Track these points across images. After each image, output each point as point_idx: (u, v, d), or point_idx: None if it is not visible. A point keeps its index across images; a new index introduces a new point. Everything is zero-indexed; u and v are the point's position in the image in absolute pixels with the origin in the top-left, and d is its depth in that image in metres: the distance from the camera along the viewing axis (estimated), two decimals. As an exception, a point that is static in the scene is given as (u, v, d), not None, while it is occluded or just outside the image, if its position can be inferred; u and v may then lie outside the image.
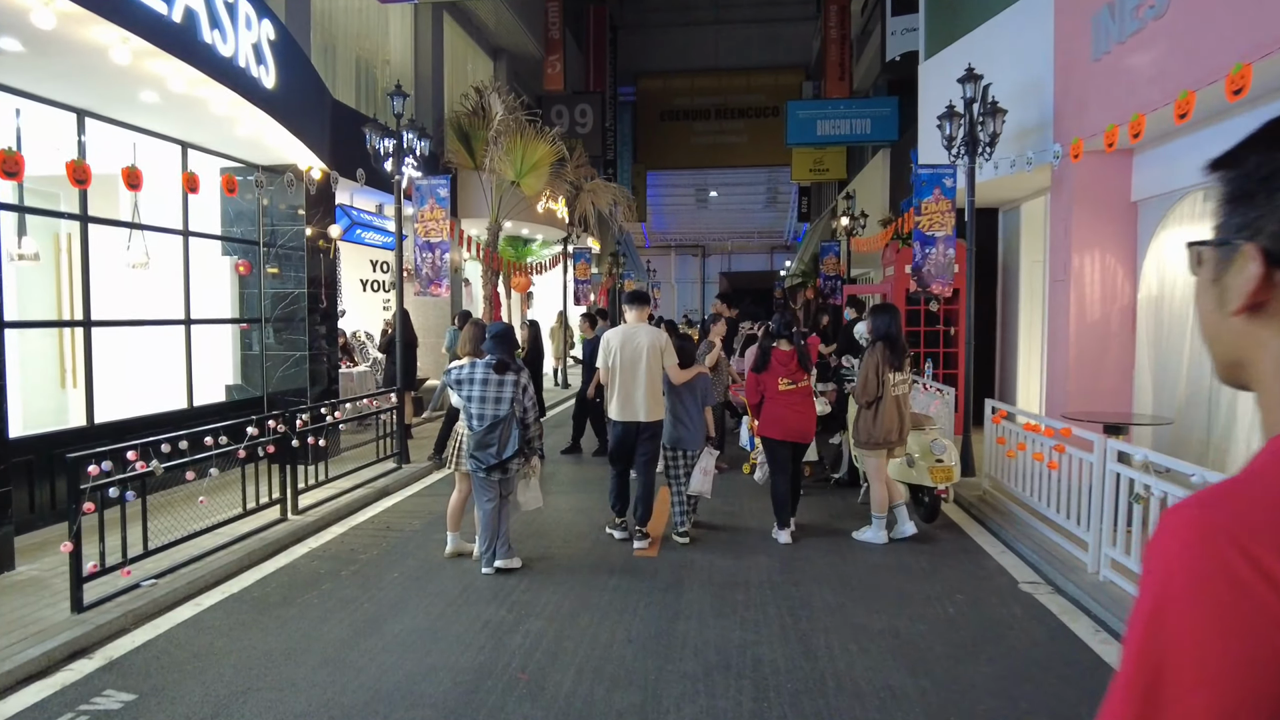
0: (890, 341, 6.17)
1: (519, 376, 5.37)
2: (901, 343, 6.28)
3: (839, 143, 18.17)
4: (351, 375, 11.09)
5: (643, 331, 6.07)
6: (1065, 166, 8.02)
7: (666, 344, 6.05)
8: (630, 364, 5.96)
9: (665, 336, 6.17)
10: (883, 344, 6.19)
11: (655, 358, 5.97)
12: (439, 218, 8.92)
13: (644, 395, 5.96)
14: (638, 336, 6.02)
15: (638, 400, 5.97)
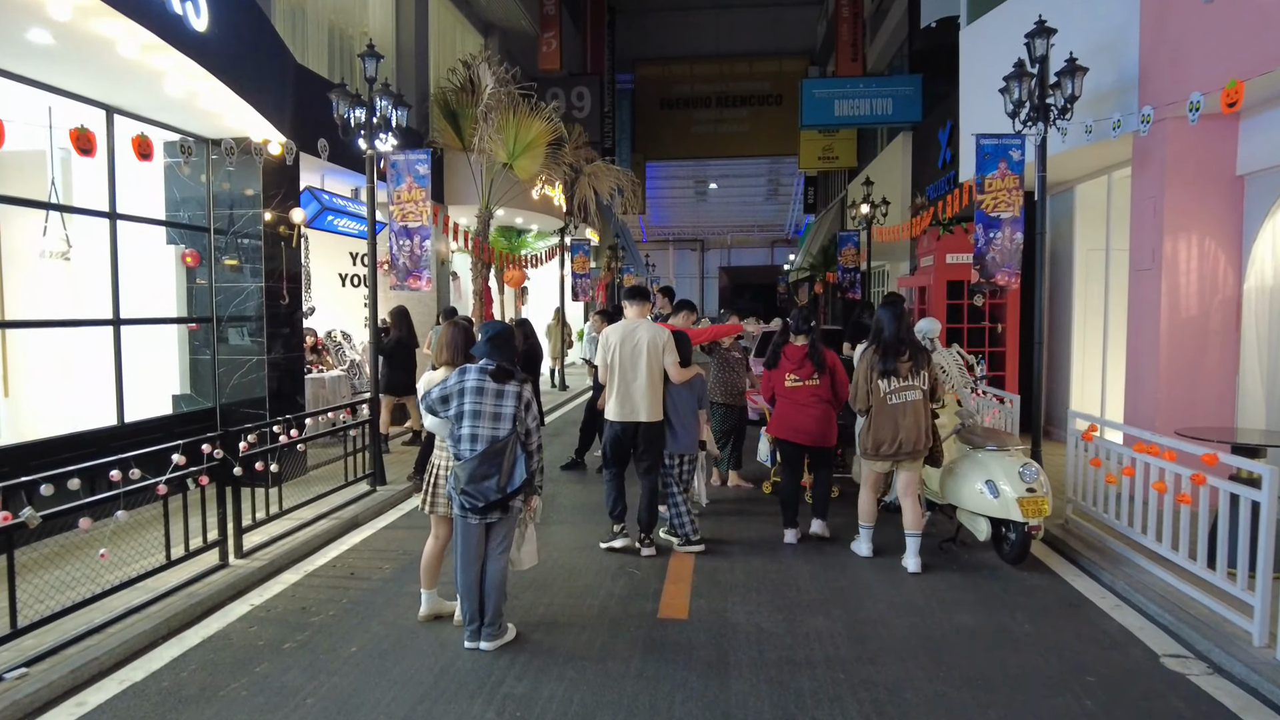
0: (883, 343, 5.48)
1: (523, 388, 4.15)
2: (898, 344, 5.46)
3: (858, 124, 16.94)
4: (323, 381, 9.82)
5: (643, 328, 5.82)
6: (1154, 135, 6.80)
7: (668, 341, 5.80)
8: (630, 361, 5.73)
9: (667, 334, 5.87)
10: (875, 346, 5.54)
11: (656, 355, 5.73)
12: (418, 199, 7.67)
13: (644, 394, 5.69)
14: (638, 333, 5.78)
15: (637, 399, 5.71)
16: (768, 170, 39.05)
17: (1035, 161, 6.97)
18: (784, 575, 5.42)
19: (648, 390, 5.71)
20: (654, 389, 5.74)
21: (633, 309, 6.02)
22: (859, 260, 15.76)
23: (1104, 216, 9.31)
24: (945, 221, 9.93)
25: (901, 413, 5.43)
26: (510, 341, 4.18)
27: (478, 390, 4.04)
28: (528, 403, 4.10)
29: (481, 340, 4.19)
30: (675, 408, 5.88)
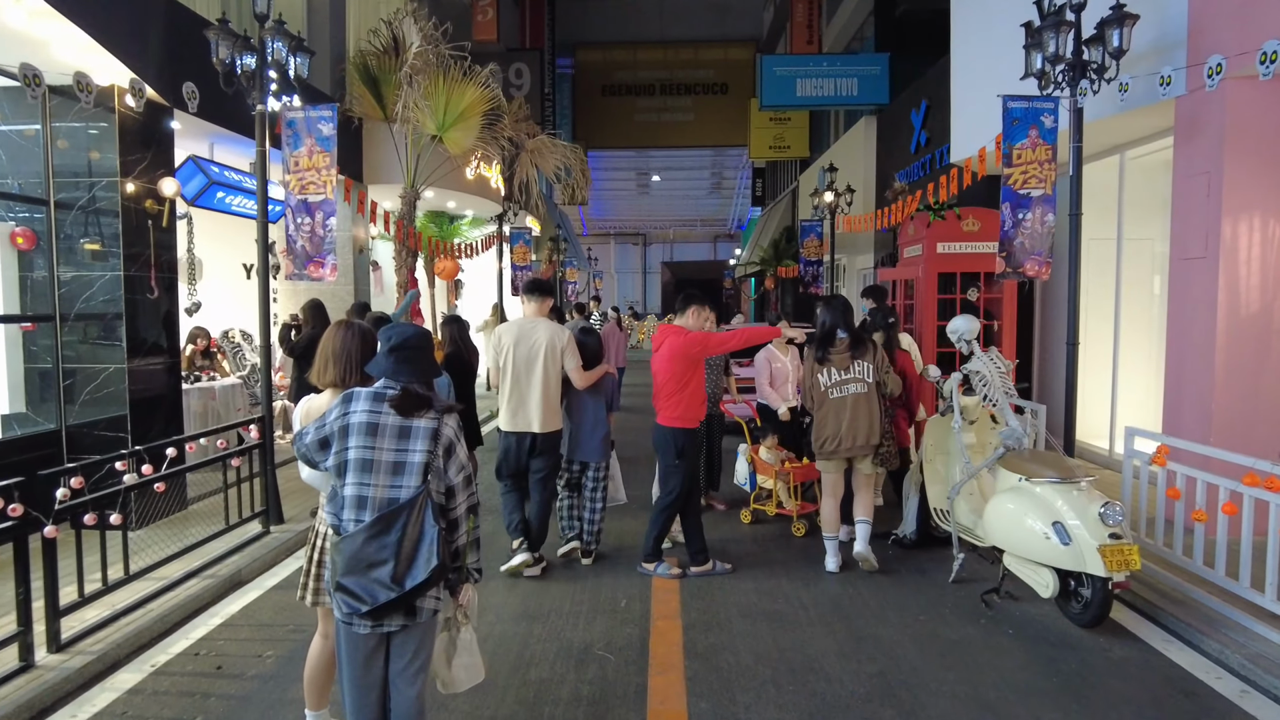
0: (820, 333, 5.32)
1: (441, 424, 2.72)
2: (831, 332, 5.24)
3: (821, 106, 15.81)
4: (213, 391, 8.17)
5: (541, 328, 5.24)
6: (1208, 100, 5.76)
7: (568, 343, 5.24)
8: (525, 365, 5.18)
9: (567, 334, 5.30)
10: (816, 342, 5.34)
11: (554, 359, 5.18)
12: (320, 166, 6.13)
13: (539, 402, 5.14)
14: (535, 333, 5.21)
15: (531, 408, 5.15)
16: (711, 163, 38.08)
17: (1070, 130, 5.87)
18: (804, 652, 4.13)
19: (543, 398, 5.15)
20: (550, 396, 5.18)
21: (531, 305, 5.40)
22: (822, 252, 14.68)
23: (1114, 201, 8.32)
24: (938, 206, 8.82)
25: (843, 406, 5.16)
26: (424, 352, 2.76)
27: (369, 428, 2.61)
28: (449, 445, 2.69)
29: (380, 351, 2.76)
30: (580, 414, 5.41)
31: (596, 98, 30.07)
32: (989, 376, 4.96)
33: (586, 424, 5.42)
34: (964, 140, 8.97)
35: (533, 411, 5.16)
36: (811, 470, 6.30)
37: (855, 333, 5.27)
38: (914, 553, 5.70)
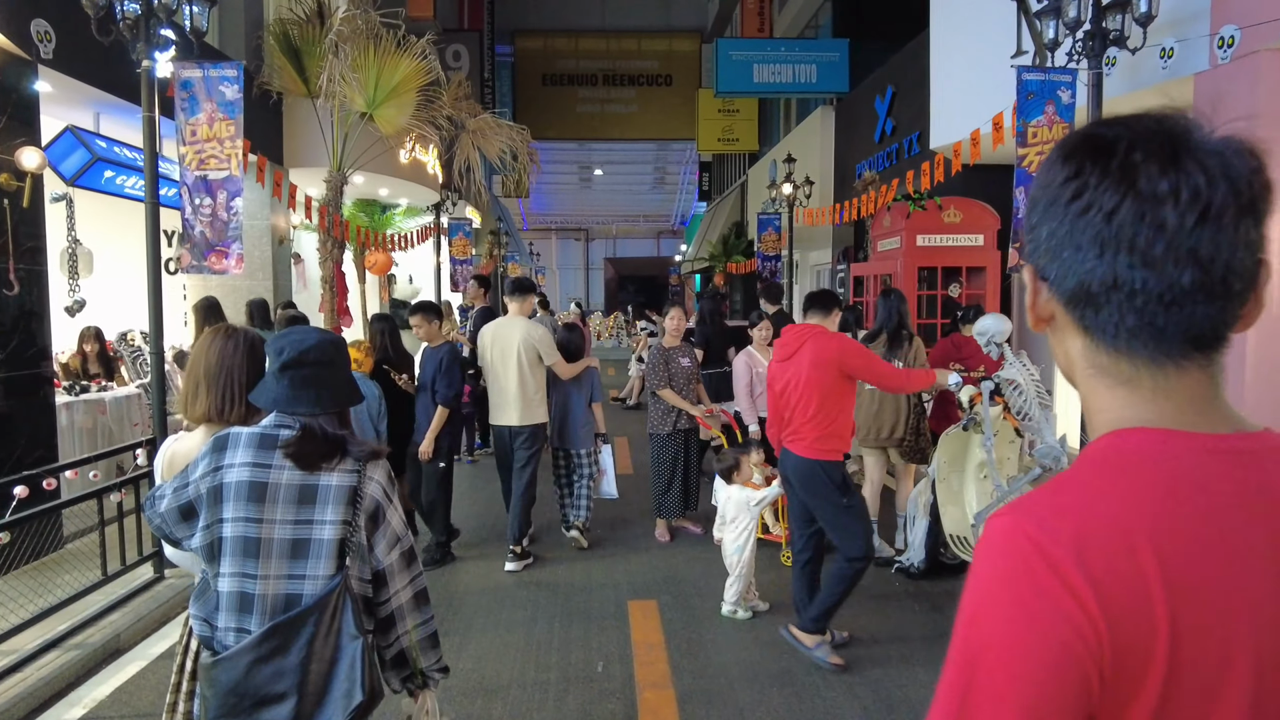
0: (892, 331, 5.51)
1: (363, 478, 1.80)
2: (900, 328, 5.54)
3: (779, 93, 15.15)
4: (102, 404, 6.99)
5: (517, 326, 5.47)
6: (1236, 75, 5.21)
7: (543, 339, 5.46)
8: (500, 362, 5.43)
9: (541, 330, 5.53)
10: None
11: (529, 355, 5.41)
12: (224, 136, 5.09)
13: (515, 397, 5.38)
14: (510, 332, 5.45)
15: (509, 402, 5.39)
16: (654, 157, 37.36)
17: (1088, 105, 5.24)
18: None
19: (518, 392, 5.38)
20: (525, 391, 5.39)
21: (514, 304, 5.61)
22: (780, 246, 14.03)
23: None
24: (918, 196, 8.19)
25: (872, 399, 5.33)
26: (334, 370, 1.85)
27: (253, 491, 1.72)
28: (375, 510, 1.79)
29: (269, 370, 1.85)
30: (565, 404, 5.67)
31: (537, 87, 28.99)
32: (1024, 385, 4.27)
33: (570, 413, 5.68)
34: (945, 125, 8.36)
35: (511, 405, 5.39)
36: (803, 490, 5.54)
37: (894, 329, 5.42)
38: (922, 584, 5.01)
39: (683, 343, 6.08)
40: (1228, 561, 0.68)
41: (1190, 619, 0.67)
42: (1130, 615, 0.66)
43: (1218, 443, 0.72)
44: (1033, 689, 0.66)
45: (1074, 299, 0.76)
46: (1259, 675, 0.67)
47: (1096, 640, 0.66)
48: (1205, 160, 0.70)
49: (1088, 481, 0.73)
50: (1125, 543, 0.67)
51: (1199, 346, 0.74)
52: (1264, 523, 0.70)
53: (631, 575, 5.19)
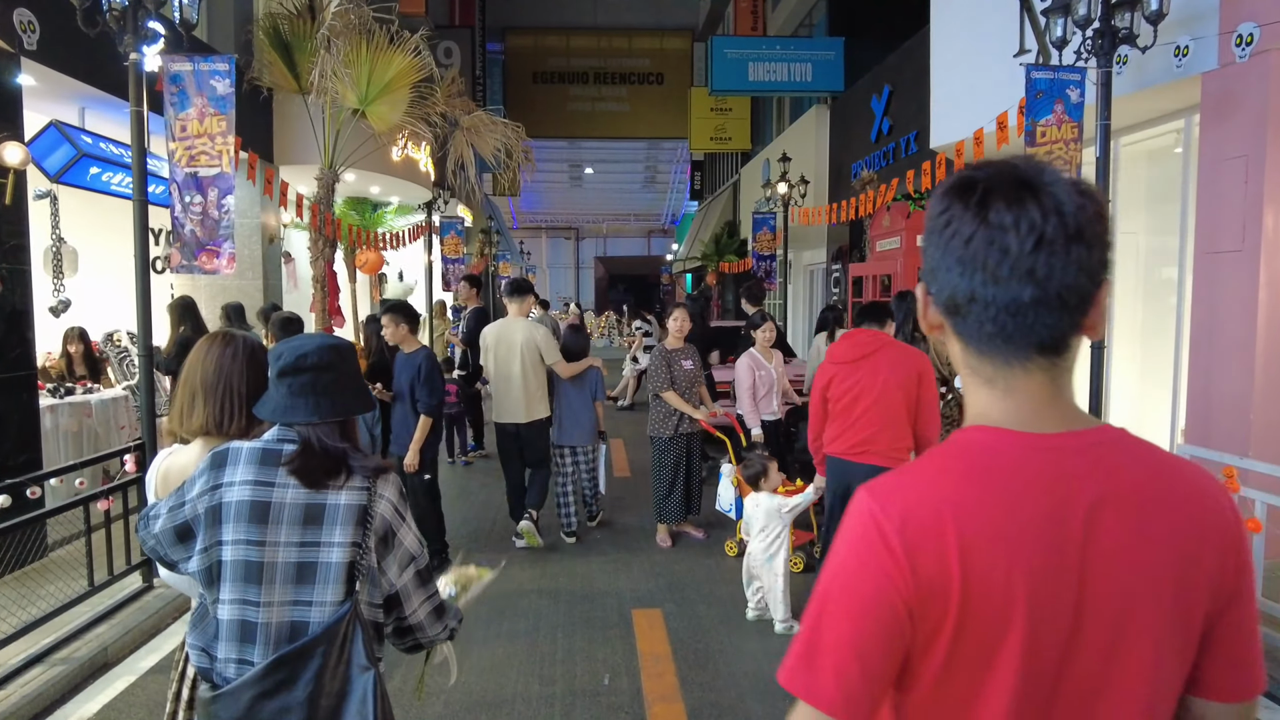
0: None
1: (373, 495, 1.66)
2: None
3: (775, 92, 15.05)
4: (89, 406, 6.81)
5: (519, 328, 5.69)
6: (1246, 75, 5.15)
7: (544, 339, 5.67)
8: (505, 362, 5.64)
9: (544, 331, 5.76)
10: None
11: (531, 354, 5.62)
12: (215, 132, 4.94)
13: (519, 395, 5.60)
14: (513, 333, 5.66)
15: (513, 400, 5.62)
16: (645, 156, 37.25)
17: (1098, 105, 5.17)
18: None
19: (522, 391, 5.59)
20: (529, 390, 5.61)
21: (513, 306, 5.82)
22: (775, 245, 13.94)
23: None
24: (919, 195, 8.12)
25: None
26: (339, 375, 1.71)
27: (255, 511, 1.59)
28: (386, 530, 1.67)
29: (273, 377, 1.71)
30: (566, 403, 5.82)
31: (528, 84, 28.82)
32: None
33: (572, 412, 5.83)
34: (946, 124, 8.28)
35: (516, 403, 5.59)
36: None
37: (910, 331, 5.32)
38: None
39: (685, 344, 5.97)
40: (1012, 534, 0.87)
41: (977, 576, 0.86)
42: (933, 572, 0.87)
43: (1040, 440, 0.90)
44: (860, 619, 0.88)
45: (947, 310, 0.94)
46: (1032, 621, 0.87)
47: (907, 589, 0.87)
48: (1044, 198, 0.86)
49: (924, 468, 0.94)
50: (935, 518, 0.88)
51: (1043, 351, 0.91)
52: (1050, 503, 0.88)
53: (634, 582, 5.08)
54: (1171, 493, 0.91)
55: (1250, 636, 0.95)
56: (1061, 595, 0.88)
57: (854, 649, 0.89)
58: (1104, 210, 0.90)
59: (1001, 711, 0.89)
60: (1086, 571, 0.88)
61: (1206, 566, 0.90)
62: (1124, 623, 0.89)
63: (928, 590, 0.87)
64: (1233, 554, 0.92)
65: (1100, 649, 0.89)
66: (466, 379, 8.80)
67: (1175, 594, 0.89)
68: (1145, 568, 0.89)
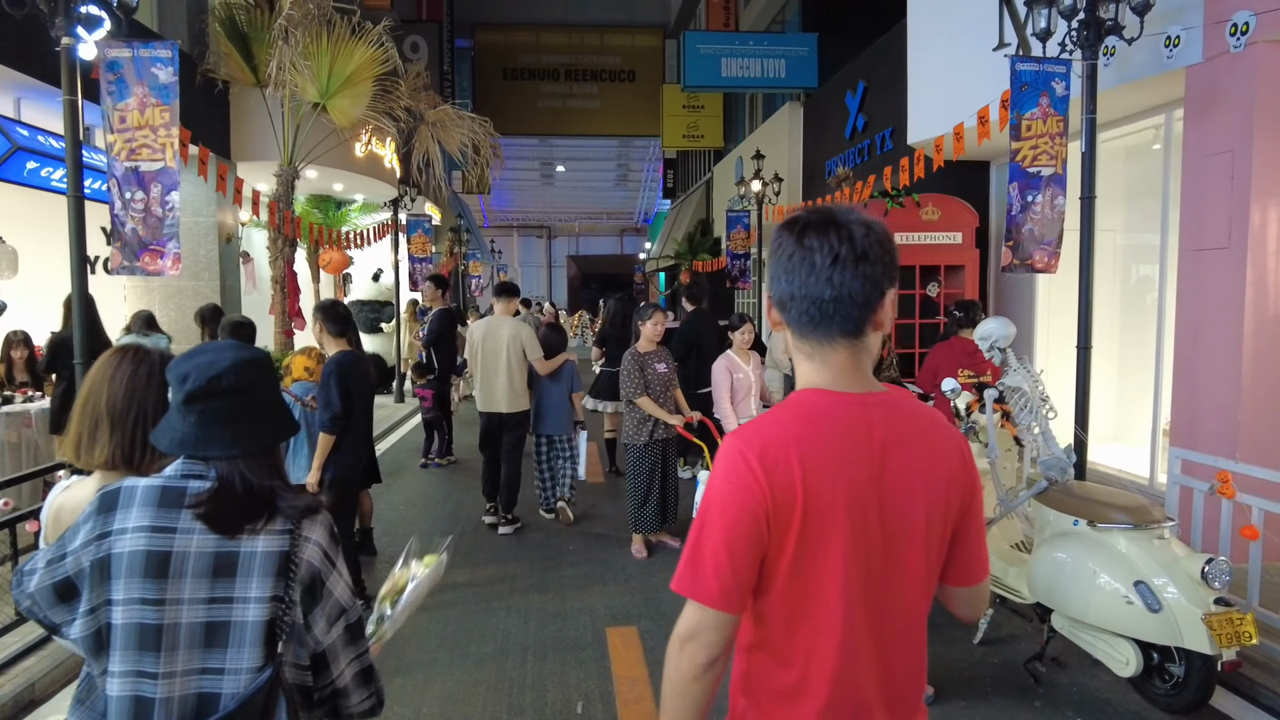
0: None
1: (297, 540, 1.40)
2: None
3: (747, 88, 14.86)
4: (28, 416, 6.42)
5: (505, 325, 6.10)
6: (1231, 68, 5.03)
7: (529, 336, 6.09)
8: (491, 357, 6.02)
9: (528, 329, 6.19)
10: None
11: (516, 350, 6.02)
12: (157, 123, 4.61)
13: (504, 387, 6.00)
14: (500, 330, 6.05)
15: (498, 391, 6.01)
16: (617, 154, 36.97)
17: (1083, 99, 5.02)
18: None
19: (506, 384, 5.98)
20: (512, 382, 6.00)
21: (500, 305, 6.29)
22: (749, 244, 13.77)
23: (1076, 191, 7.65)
24: (895, 192, 7.96)
25: None
26: (259, 395, 1.45)
27: (152, 564, 1.33)
28: (313, 579, 1.41)
29: (174, 401, 1.43)
30: (545, 395, 6.24)
31: (497, 81, 28.39)
32: (1028, 391, 4.01)
33: (550, 403, 6.24)
34: (924, 120, 8.15)
35: (500, 394, 5.98)
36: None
37: None
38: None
39: (659, 347, 5.74)
40: (834, 458, 1.21)
41: (814, 488, 1.19)
42: (783, 487, 1.19)
43: (847, 397, 1.25)
44: (733, 528, 1.19)
45: (780, 306, 1.28)
46: (851, 523, 1.20)
47: (767, 502, 1.19)
48: (842, 231, 1.22)
49: (773, 417, 1.26)
50: (784, 450, 1.20)
51: (844, 335, 1.25)
52: (857, 439, 1.23)
53: (608, 598, 4.84)
54: (932, 435, 1.29)
55: (979, 536, 1.35)
56: (868, 504, 1.22)
57: (728, 553, 1.20)
58: (886, 240, 1.26)
59: (837, 591, 1.21)
60: (883, 487, 1.23)
61: (954, 485, 1.29)
62: (908, 523, 1.25)
63: (781, 501, 1.19)
64: (967, 477, 1.31)
65: (895, 541, 1.24)
66: (436, 381, 8.50)
67: (936, 503, 1.27)
68: (919, 485, 1.25)
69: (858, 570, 1.22)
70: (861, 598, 1.23)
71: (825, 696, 1.23)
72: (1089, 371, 5.27)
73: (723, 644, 1.22)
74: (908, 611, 1.28)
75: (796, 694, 1.25)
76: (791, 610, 1.24)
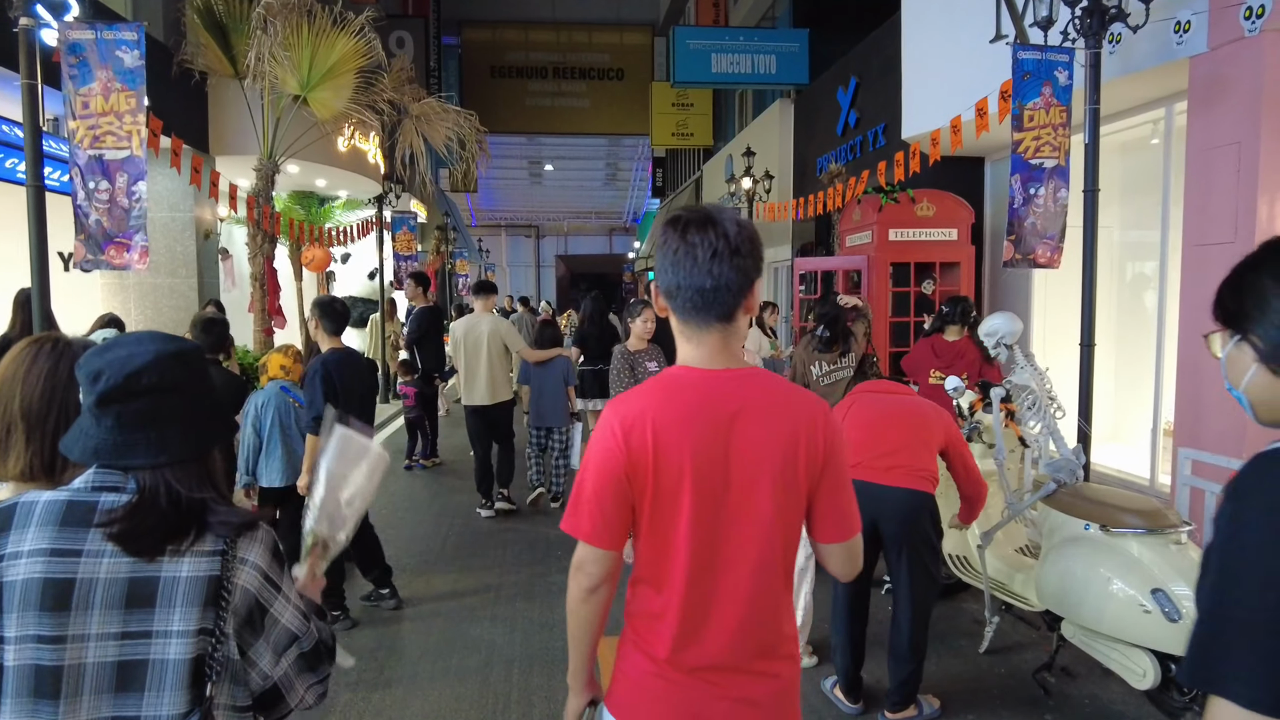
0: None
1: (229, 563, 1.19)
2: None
3: (738, 84, 14.68)
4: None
5: (485, 321, 6.42)
6: (1237, 57, 4.89)
7: (508, 330, 6.45)
8: (473, 352, 6.33)
9: (506, 324, 6.56)
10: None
11: (496, 344, 6.33)
12: (123, 109, 4.39)
13: (485, 380, 6.32)
14: (479, 326, 6.37)
15: (480, 385, 6.32)
16: (606, 153, 36.73)
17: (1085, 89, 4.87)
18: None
19: (488, 377, 6.31)
20: (493, 375, 6.32)
21: (479, 303, 6.64)
22: (739, 243, 13.57)
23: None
24: (890, 188, 7.80)
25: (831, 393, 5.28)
26: (187, 395, 1.24)
27: (48, 593, 1.12)
28: (251, 609, 1.22)
29: (85, 403, 1.22)
30: (543, 387, 6.54)
31: (485, 78, 28.16)
32: (1037, 392, 3.84)
33: (548, 395, 6.53)
34: (919, 113, 8.00)
35: (482, 387, 6.30)
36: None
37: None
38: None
39: (650, 345, 5.55)
40: (683, 424, 1.44)
41: (664, 448, 1.44)
42: (638, 448, 1.44)
43: (710, 373, 1.49)
44: (600, 481, 1.46)
45: (667, 295, 1.50)
46: (696, 478, 1.44)
47: (624, 460, 1.44)
48: (717, 228, 1.43)
49: (643, 389, 1.51)
50: (641, 416, 1.45)
51: (719, 319, 1.47)
52: (708, 406, 1.46)
53: (598, 605, 4.65)
54: (784, 405, 1.47)
55: (840, 496, 1.51)
56: (715, 463, 1.43)
57: (598, 501, 1.46)
58: (754, 236, 1.46)
59: (685, 533, 1.44)
60: (730, 450, 1.44)
61: (803, 448, 1.45)
62: (755, 478, 1.44)
63: (637, 460, 1.43)
64: (823, 441, 1.47)
65: (740, 495, 1.44)
66: (419, 380, 8.29)
67: (787, 462, 1.45)
68: (764, 449, 1.44)
69: (705, 516, 1.44)
70: (708, 540, 1.46)
71: (676, 622, 1.47)
72: (1092, 369, 5.12)
73: (601, 575, 1.51)
74: (757, 557, 1.47)
75: (659, 618, 1.50)
76: (655, 549, 1.49)
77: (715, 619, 1.46)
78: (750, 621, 1.47)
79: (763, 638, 1.49)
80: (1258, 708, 0.96)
